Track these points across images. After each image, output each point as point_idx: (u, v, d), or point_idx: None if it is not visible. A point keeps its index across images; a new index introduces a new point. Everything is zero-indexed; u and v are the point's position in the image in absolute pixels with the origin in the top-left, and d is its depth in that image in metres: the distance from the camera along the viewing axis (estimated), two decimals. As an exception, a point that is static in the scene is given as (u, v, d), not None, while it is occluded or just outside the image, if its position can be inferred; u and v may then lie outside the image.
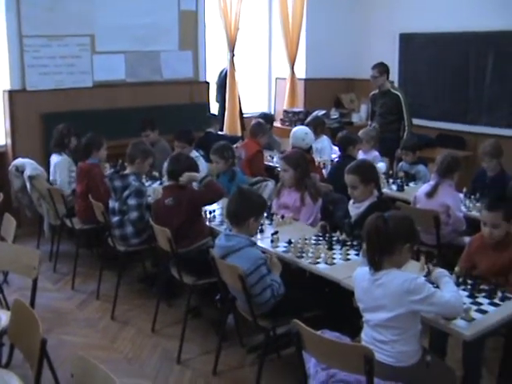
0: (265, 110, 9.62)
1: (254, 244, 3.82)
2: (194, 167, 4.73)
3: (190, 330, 4.52)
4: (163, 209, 4.62)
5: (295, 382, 3.32)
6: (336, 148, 6.48)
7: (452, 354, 3.75)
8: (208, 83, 8.49)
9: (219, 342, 4.11)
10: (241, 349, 4.38)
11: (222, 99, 8.84)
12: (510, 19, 7.68)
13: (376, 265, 2.94)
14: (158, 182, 5.98)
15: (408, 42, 9.04)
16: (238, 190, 3.87)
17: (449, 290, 3.02)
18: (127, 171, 5.19)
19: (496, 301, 3.25)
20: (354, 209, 4.32)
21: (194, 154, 6.18)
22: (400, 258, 2.98)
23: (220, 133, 7.90)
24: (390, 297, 2.87)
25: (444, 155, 5.08)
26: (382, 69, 7.28)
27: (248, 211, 3.76)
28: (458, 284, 3.39)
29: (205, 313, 4.87)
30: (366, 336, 3.04)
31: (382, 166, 6.18)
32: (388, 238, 2.92)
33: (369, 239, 2.97)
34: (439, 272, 3.26)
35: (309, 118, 7.70)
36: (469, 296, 3.28)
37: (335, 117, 9.34)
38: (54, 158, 6.22)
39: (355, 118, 9.66)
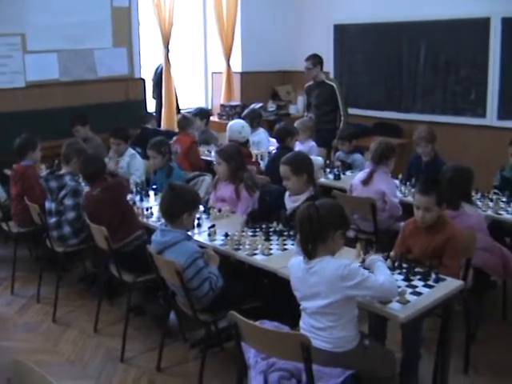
0: (202, 104, 9.60)
1: (190, 238, 3.82)
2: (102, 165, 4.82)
3: (133, 327, 4.51)
4: (92, 201, 4.61)
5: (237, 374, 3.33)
6: (274, 140, 6.51)
7: (392, 337, 3.81)
8: (144, 80, 8.44)
9: (162, 338, 4.10)
10: (184, 344, 4.38)
11: (158, 95, 8.79)
12: (440, 9, 7.86)
13: (310, 253, 2.97)
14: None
15: (342, 32, 9.15)
16: (170, 187, 3.84)
17: (382, 274, 3.08)
18: (63, 171, 5.12)
19: (430, 282, 3.33)
20: (290, 202, 4.34)
21: (130, 151, 6.14)
22: (333, 245, 3.01)
23: (157, 128, 7.83)
24: (325, 284, 2.91)
25: (378, 143, 5.15)
26: (316, 60, 7.34)
27: (181, 207, 3.74)
28: (393, 268, 3.47)
29: (148, 310, 4.84)
30: (304, 324, 3.07)
31: (319, 159, 6.22)
32: (320, 225, 2.94)
33: (301, 228, 2.99)
34: (371, 258, 3.31)
35: (245, 112, 7.70)
36: (404, 279, 3.35)
37: (272, 109, 9.40)
38: None
39: (292, 110, 9.74)
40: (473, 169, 4.57)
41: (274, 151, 6.43)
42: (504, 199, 4.94)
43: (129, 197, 5.01)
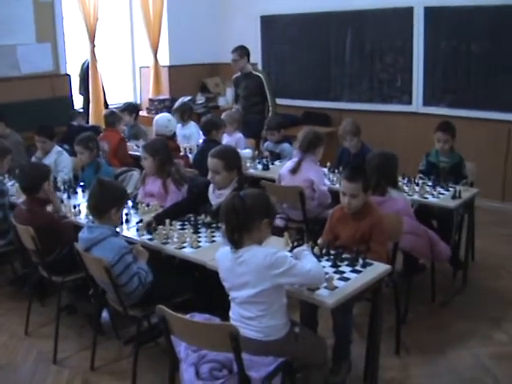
0: (130, 99, 9.50)
1: (118, 234, 3.77)
2: (46, 172, 4.59)
3: (65, 327, 4.44)
4: (19, 213, 4.49)
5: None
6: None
7: (324, 324, 3.85)
8: (69, 76, 8.28)
9: (94, 337, 4.04)
10: (118, 341, 4.33)
11: (85, 91, 8.63)
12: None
13: (236, 243, 2.97)
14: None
15: (269, 23, 9.18)
16: (98, 182, 3.78)
17: (308, 261, 3.10)
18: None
19: (357, 268, 3.39)
20: (215, 198, 4.31)
21: (57, 148, 6.03)
22: (259, 234, 3.02)
23: (83, 125, 7.68)
24: (253, 273, 2.92)
25: (305, 131, 5.19)
26: (242, 52, 7.34)
27: (108, 203, 3.70)
28: (321, 255, 3.50)
29: (80, 308, 4.76)
30: (234, 314, 3.08)
31: (248, 152, 6.24)
32: (246, 214, 2.94)
33: (227, 218, 2.99)
34: (298, 249, 3.34)
35: (175, 105, 7.67)
36: (332, 266, 3.40)
37: (201, 102, 9.35)
38: None
39: (221, 102, 9.73)
40: (400, 155, 4.68)
41: (200, 143, 6.41)
42: (430, 183, 5.05)
43: (57, 194, 4.90)
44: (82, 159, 5.53)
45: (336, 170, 5.46)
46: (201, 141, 6.71)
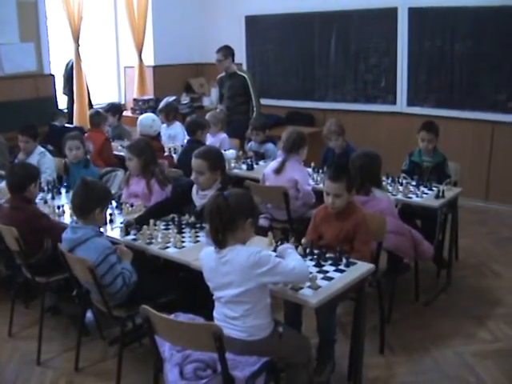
0: (115, 99, 9.48)
1: (101, 234, 3.76)
2: (35, 174, 4.56)
3: (49, 328, 4.44)
4: (3, 210, 4.46)
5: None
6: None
7: (310, 323, 3.86)
8: (53, 76, 8.23)
9: (78, 337, 4.03)
10: (102, 342, 4.33)
11: (69, 91, 8.55)
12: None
13: (220, 243, 2.97)
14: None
15: (254, 24, 9.20)
16: (82, 182, 3.76)
17: (292, 259, 3.11)
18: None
19: (341, 267, 3.40)
20: (199, 199, 4.27)
21: (40, 149, 5.98)
22: (243, 233, 3.02)
23: (66, 125, 7.64)
24: (238, 272, 2.92)
25: (289, 132, 5.20)
26: (227, 52, 7.34)
27: (93, 203, 3.69)
28: (304, 255, 3.51)
29: (64, 309, 4.73)
30: (218, 314, 3.08)
31: (231, 153, 6.23)
32: (230, 214, 2.94)
33: (211, 218, 2.98)
34: (282, 247, 3.35)
35: (160, 106, 7.65)
36: (315, 265, 3.41)
37: (186, 102, 9.34)
38: None
39: (206, 102, 9.73)
40: (384, 154, 4.70)
41: (184, 143, 6.40)
42: (413, 183, 5.08)
43: (40, 196, 4.87)
44: (76, 155, 5.51)
45: (320, 170, 5.47)
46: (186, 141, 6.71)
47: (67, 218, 4.53)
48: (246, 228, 3.01)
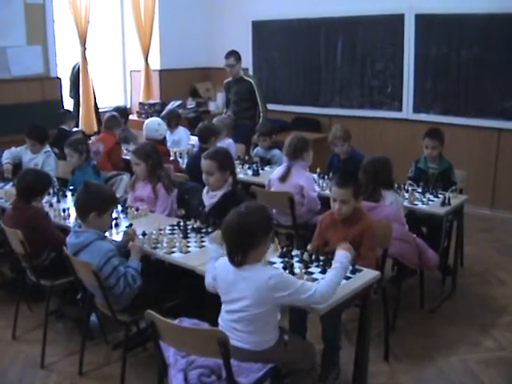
0: (121, 103, 9.49)
1: (104, 237, 3.76)
2: (45, 186, 4.57)
3: (53, 332, 4.43)
4: (7, 213, 4.49)
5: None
6: (195, 137, 6.47)
7: (314, 330, 3.86)
8: (60, 79, 8.25)
9: (83, 341, 4.02)
10: (106, 346, 4.32)
11: (76, 94, 8.60)
12: (357, 5, 8.03)
13: (240, 262, 2.91)
14: (11, 184, 5.72)
15: (260, 29, 9.20)
16: (84, 184, 3.78)
17: (322, 284, 3.04)
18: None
19: (347, 274, 3.36)
20: (209, 198, 4.32)
21: (46, 148, 6.05)
22: (264, 247, 2.99)
23: (75, 129, 7.64)
24: (255, 293, 2.86)
25: (291, 138, 5.20)
26: (237, 56, 7.34)
27: (89, 206, 3.67)
28: (311, 261, 3.50)
29: (68, 313, 4.73)
30: (223, 322, 3.04)
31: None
32: (253, 233, 2.88)
33: (231, 238, 2.91)
34: (341, 254, 3.25)
35: (163, 113, 7.68)
36: (321, 272, 3.38)
37: (191, 106, 9.36)
38: None
39: (212, 107, 9.74)
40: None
41: (195, 149, 6.38)
42: (419, 190, 5.07)
43: (45, 199, 4.87)
44: (71, 162, 5.51)
45: (326, 176, 5.47)
46: (191, 142, 6.71)
47: (72, 222, 4.51)
48: (266, 243, 2.99)
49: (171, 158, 6.25)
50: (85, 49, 8.42)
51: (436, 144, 5.34)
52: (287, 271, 3.30)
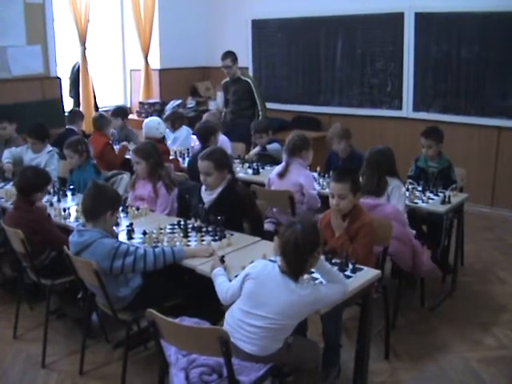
0: (121, 102, 9.51)
1: (107, 236, 3.72)
2: (45, 182, 4.56)
3: (54, 331, 4.43)
4: (8, 213, 4.49)
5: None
6: (194, 137, 6.46)
7: (315, 329, 3.86)
8: (59, 78, 8.23)
9: (83, 340, 4.01)
10: (107, 345, 4.33)
11: (75, 94, 8.60)
12: (356, 4, 8.04)
13: (298, 276, 2.94)
14: (11, 183, 5.72)
15: (260, 27, 9.21)
16: (93, 185, 3.77)
17: (332, 286, 3.09)
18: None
19: (347, 273, 3.38)
20: (207, 195, 4.33)
21: (48, 148, 6.06)
22: (315, 262, 3.00)
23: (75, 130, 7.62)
24: (295, 307, 2.90)
25: (291, 136, 5.22)
26: (234, 57, 7.35)
27: (104, 205, 3.67)
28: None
29: (69, 312, 4.73)
30: (232, 318, 3.02)
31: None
32: (311, 248, 2.92)
33: (293, 255, 2.90)
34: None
35: (166, 114, 7.63)
36: (321, 271, 3.39)
37: (191, 105, 9.37)
38: None
39: (212, 106, 9.71)
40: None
41: (196, 148, 6.36)
42: (419, 188, 5.07)
43: (45, 198, 4.87)
44: (71, 163, 5.51)
45: (326, 175, 5.46)
46: (193, 144, 6.69)
47: (73, 221, 4.52)
48: (318, 255, 3.00)
49: (171, 157, 6.25)
50: (85, 48, 8.42)
51: (431, 143, 5.32)
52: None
